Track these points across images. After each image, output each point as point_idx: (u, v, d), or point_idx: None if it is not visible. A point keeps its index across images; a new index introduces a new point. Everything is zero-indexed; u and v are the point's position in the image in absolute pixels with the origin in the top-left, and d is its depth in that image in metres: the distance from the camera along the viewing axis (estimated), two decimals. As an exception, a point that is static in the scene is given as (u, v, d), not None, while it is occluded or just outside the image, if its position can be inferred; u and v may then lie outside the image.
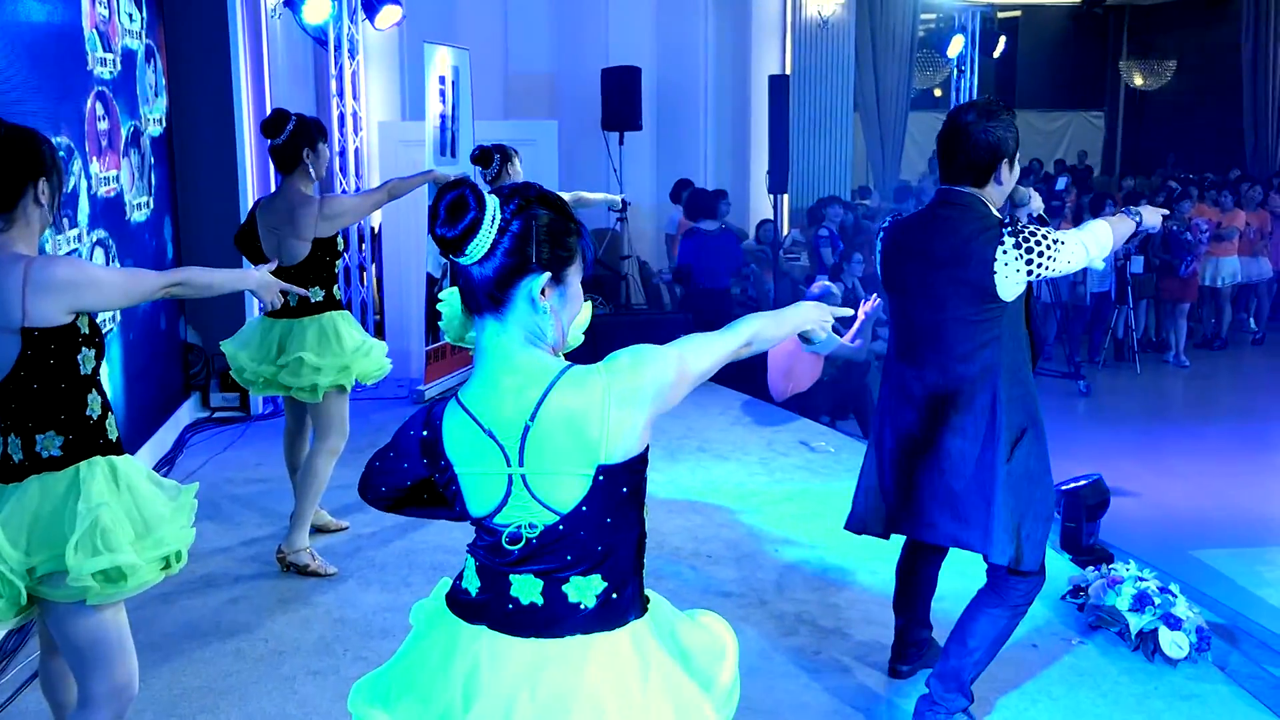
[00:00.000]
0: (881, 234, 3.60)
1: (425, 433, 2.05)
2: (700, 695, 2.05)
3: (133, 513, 2.76)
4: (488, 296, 1.97)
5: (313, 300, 4.79)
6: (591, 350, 8.66)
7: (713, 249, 9.55)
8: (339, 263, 4.94)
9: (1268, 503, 6.91)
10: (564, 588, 2.00)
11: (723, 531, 5.43)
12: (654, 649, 2.04)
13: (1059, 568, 4.98)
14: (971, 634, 3.54)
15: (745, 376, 8.51)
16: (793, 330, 2.36)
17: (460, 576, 2.12)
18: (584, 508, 1.96)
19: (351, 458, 5.45)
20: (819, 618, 4.49)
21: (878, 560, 4.79)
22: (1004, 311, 3.31)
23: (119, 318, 5.84)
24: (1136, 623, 4.18)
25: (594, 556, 1.99)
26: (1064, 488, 5.42)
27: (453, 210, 1.91)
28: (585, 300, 2.16)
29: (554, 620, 2.01)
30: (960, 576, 4.05)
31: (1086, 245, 3.34)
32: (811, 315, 2.41)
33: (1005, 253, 3.23)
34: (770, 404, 7.78)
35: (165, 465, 6.33)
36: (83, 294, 2.68)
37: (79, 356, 2.73)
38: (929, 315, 3.42)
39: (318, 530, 5.26)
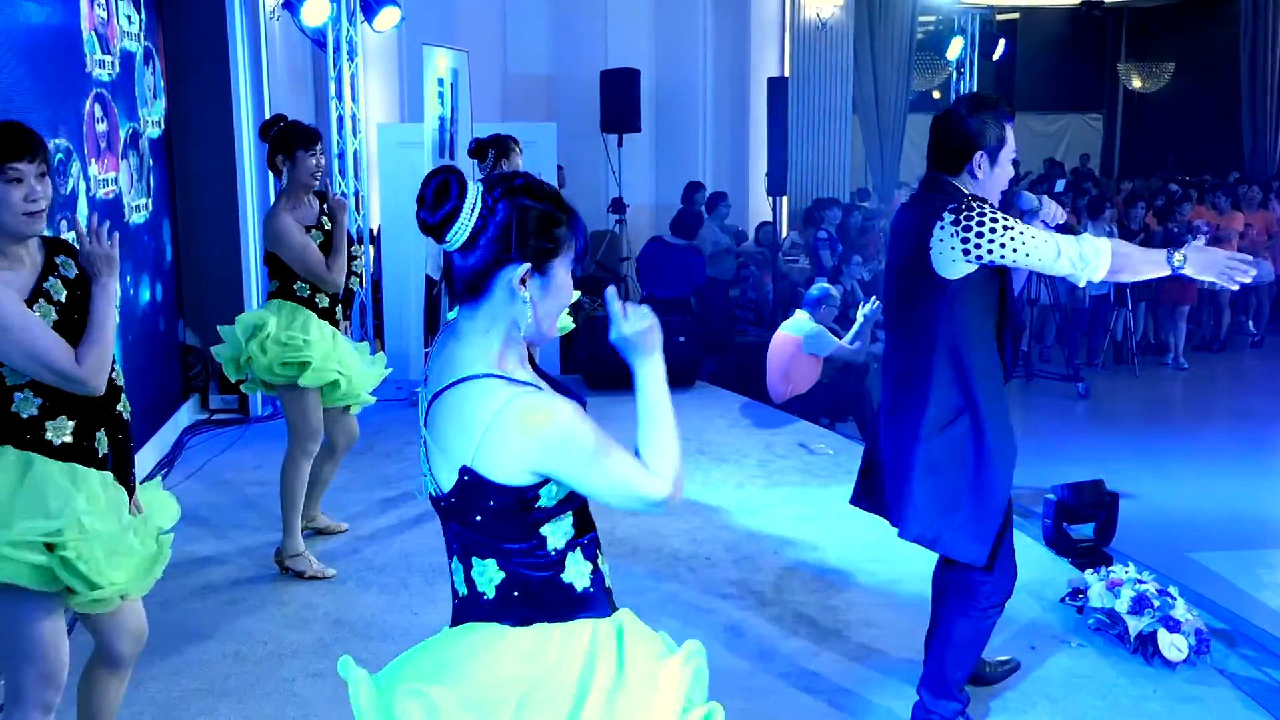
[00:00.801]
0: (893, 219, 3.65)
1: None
2: None
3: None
4: (466, 285, 1.99)
5: (299, 294, 4.76)
6: (589, 350, 8.63)
7: (670, 260, 9.54)
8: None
9: (1267, 505, 6.91)
10: (472, 573, 2.03)
11: (721, 534, 5.43)
12: (572, 662, 1.99)
13: (1057, 570, 4.98)
14: (948, 641, 3.52)
15: (744, 379, 8.52)
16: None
17: None
18: (453, 498, 1.99)
19: (348, 458, 5.47)
20: (818, 619, 4.48)
21: (876, 562, 4.79)
22: (948, 290, 3.26)
23: (118, 319, 5.83)
24: (1135, 625, 4.18)
25: (482, 544, 2.00)
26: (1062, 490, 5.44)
27: (435, 196, 1.94)
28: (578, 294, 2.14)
29: (466, 609, 2.06)
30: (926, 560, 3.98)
31: (1063, 249, 3.17)
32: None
33: (942, 228, 3.22)
34: (769, 406, 7.78)
35: (164, 467, 6.33)
36: None
37: (3, 370, 2.70)
38: (892, 291, 3.51)
39: (317, 533, 5.26)
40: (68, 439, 2.77)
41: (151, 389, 6.49)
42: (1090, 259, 3.16)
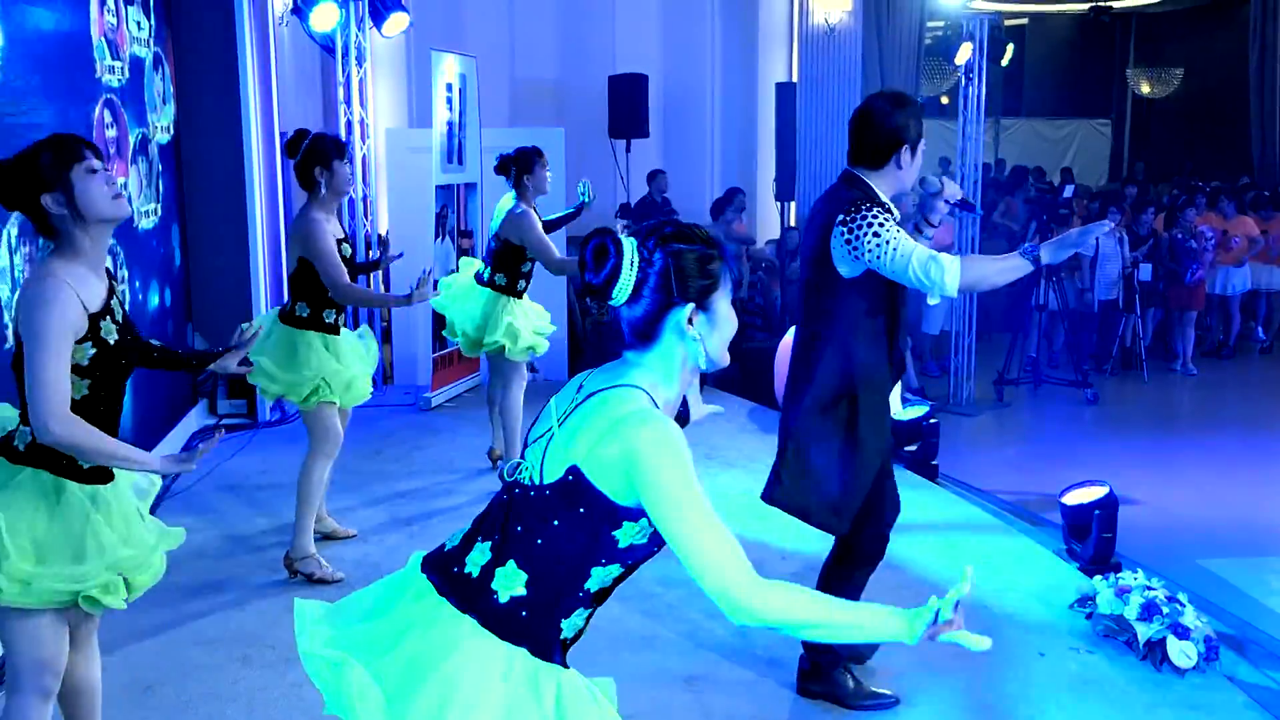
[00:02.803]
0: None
1: None
2: None
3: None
4: (636, 333, 2.08)
5: (298, 315, 4.81)
6: (602, 357, 8.67)
7: None
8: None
9: (1276, 512, 6.88)
10: (499, 570, 2.05)
11: (729, 539, 5.41)
12: (520, 687, 2.02)
13: (1066, 576, 4.97)
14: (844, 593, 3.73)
15: (752, 384, 8.51)
16: None
17: None
18: (547, 491, 2.03)
19: (356, 464, 5.50)
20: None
21: (883, 569, 4.78)
22: (842, 285, 3.53)
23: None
24: (1144, 632, 4.17)
25: (531, 549, 2.03)
26: (1069, 494, 5.43)
27: (595, 258, 2.04)
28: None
29: (470, 596, 2.06)
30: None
31: (913, 266, 3.33)
32: None
33: (836, 227, 3.47)
34: (777, 411, 7.76)
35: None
36: None
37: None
38: (801, 279, 3.80)
39: (325, 537, 5.26)
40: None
41: (160, 394, 6.50)
42: (935, 279, 3.33)
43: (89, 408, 2.79)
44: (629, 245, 2.03)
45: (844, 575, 3.80)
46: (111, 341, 2.79)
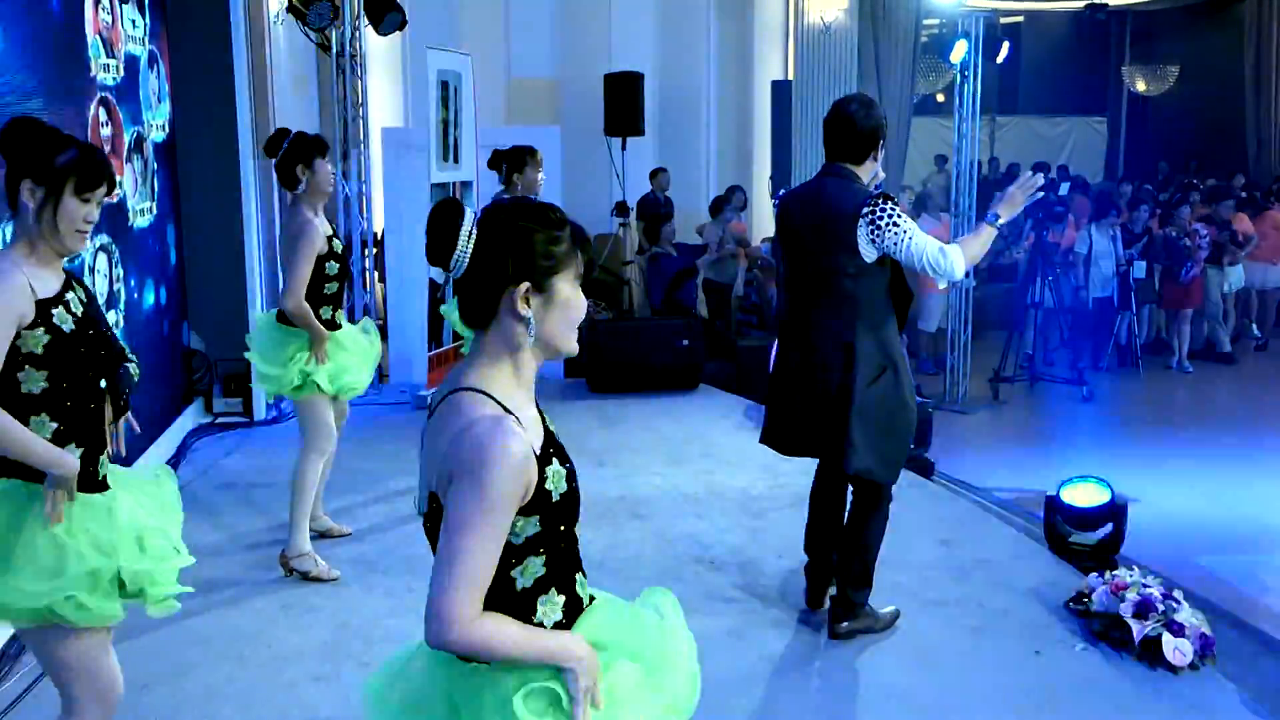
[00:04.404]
0: (777, 203, 4.30)
1: None
2: None
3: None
4: (473, 311, 2.01)
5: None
6: (598, 354, 8.61)
7: None
8: (330, 285, 4.84)
9: (1273, 508, 6.89)
10: None
11: (726, 537, 5.42)
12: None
13: (1061, 574, 4.98)
14: (867, 539, 4.29)
15: (748, 381, 8.51)
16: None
17: None
18: (427, 523, 2.01)
19: (352, 463, 5.50)
20: (822, 624, 4.48)
21: (881, 566, 4.78)
22: (866, 268, 4.02)
23: (121, 323, 5.85)
24: (1140, 630, 4.17)
25: None
26: (1063, 490, 5.42)
27: (433, 226, 1.98)
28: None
29: None
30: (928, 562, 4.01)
31: (927, 255, 3.97)
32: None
33: (862, 218, 3.98)
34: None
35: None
36: None
37: (19, 375, 2.71)
38: (815, 265, 4.15)
39: (321, 535, 5.26)
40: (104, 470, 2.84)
41: (156, 392, 6.49)
42: (945, 267, 3.99)
43: (53, 402, 2.74)
44: (469, 216, 1.96)
45: (870, 519, 4.30)
46: (66, 330, 2.74)
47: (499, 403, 1.95)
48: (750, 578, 4.91)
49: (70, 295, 2.81)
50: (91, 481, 2.82)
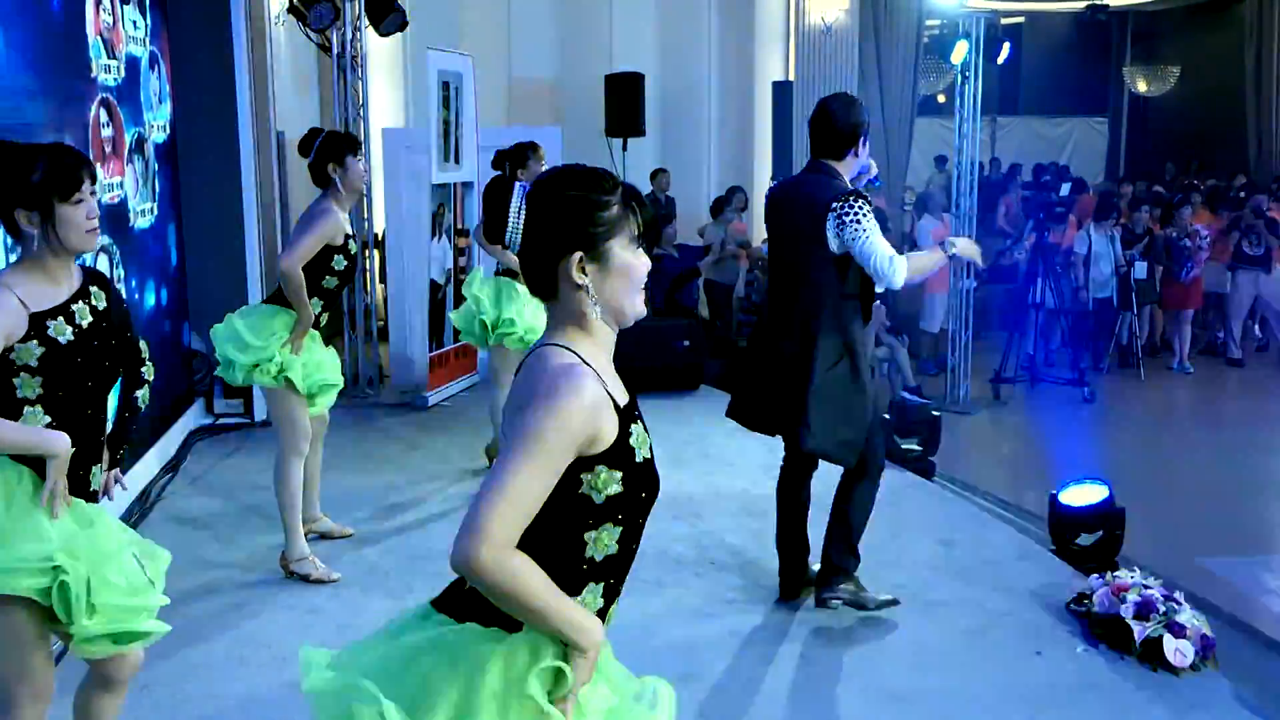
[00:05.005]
0: (768, 193, 4.82)
1: None
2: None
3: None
4: (536, 285, 2.02)
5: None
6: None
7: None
8: (330, 280, 4.80)
9: (1273, 510, 6.89)
10: None
11: (727, 538, 5.42)
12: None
13: (1062, 575, 4.98)
14: (852, 506, 4.47)
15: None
16: None
17: None
18: None
19: (352, 464, 5.49)
20: (823, 625, 4.48)
21: (881, 566, 4.79)
22: (833, 259, 4.24)
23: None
24: (1141, 630, 4.17)
25: (523, 534, 1.92)
26: (1063, 493, 5.43)
27: (486, 205, 1.99)
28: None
29: (475, 603, 1.96)
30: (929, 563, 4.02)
31: (877, 258, 4.16)
32: None
33: (831, 212, 4.21)
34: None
35: (170, 471, 6.33)
36: None
37: (15, 380, 2.71)
38: (792, 254, 4.42)
39: (321, 536, 5.26)
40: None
41: (157, 393, 6.48)
42: (885, 272, 4.17)
43: (49, 410, 2.73)
44: (519, 193, 1.99)
45: (854, 491, 4.49)
46: (63, 341, 2.73)
47: (582, 359, 1.94)
48: (751, 579, 4.90)
49: (79, 305, 2.80)
50: (83, 487, 2.81)
